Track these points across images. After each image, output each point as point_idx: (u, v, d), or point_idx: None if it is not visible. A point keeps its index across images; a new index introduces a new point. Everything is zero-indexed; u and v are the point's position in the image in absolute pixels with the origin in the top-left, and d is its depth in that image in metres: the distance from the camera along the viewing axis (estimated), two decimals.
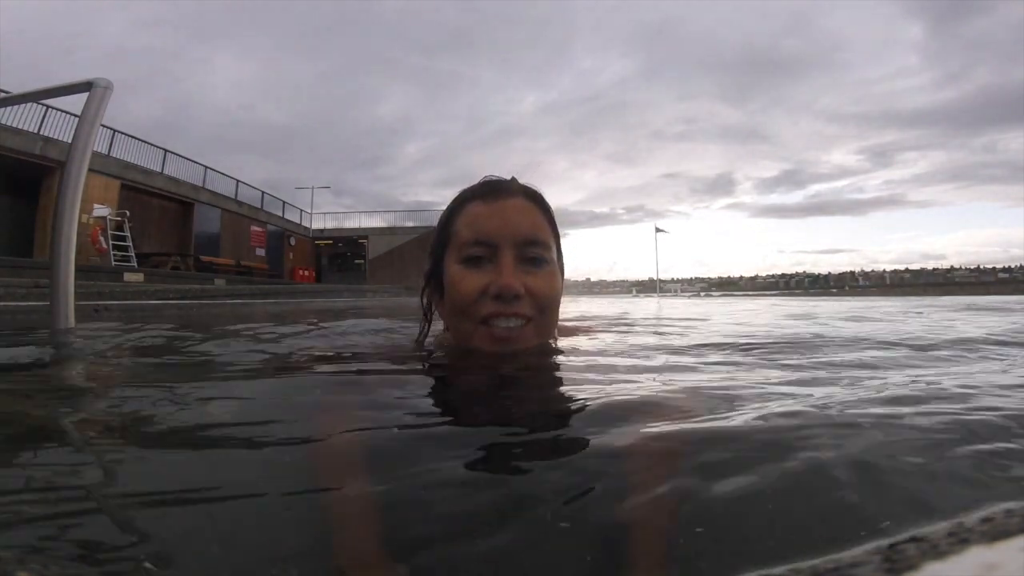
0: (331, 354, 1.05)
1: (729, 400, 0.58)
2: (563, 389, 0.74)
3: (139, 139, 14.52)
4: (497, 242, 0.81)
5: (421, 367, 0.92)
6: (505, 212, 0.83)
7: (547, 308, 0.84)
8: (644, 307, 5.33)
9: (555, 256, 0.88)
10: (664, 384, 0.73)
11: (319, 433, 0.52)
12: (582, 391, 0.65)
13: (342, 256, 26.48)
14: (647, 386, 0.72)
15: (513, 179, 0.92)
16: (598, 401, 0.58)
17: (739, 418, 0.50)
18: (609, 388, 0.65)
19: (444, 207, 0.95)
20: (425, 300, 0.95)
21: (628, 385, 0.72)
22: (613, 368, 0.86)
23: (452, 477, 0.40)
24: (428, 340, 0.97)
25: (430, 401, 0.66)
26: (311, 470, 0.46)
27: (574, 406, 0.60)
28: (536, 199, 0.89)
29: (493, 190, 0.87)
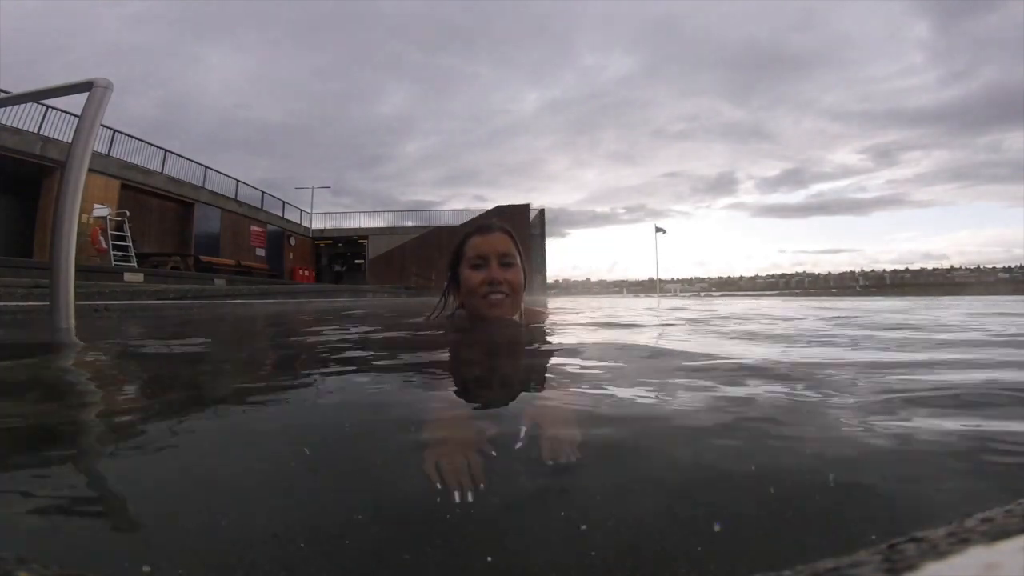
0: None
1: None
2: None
3: (139, 139, 14.51)
4: (488, 256, 1.50)
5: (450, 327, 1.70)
6: (491, 242, 1.52)
7: (516, 289, 1.52)
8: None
9: (520, 261, 1.54)
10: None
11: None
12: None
13: (342, 256, 26.44)
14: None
15: (495, 220, 1.62)
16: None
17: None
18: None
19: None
20: (446, 291, 1.66)
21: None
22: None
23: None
24: (458, 312, 1.65)
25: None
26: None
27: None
28: (508, 232, 1.57)
29: (485, 229, 1.55)
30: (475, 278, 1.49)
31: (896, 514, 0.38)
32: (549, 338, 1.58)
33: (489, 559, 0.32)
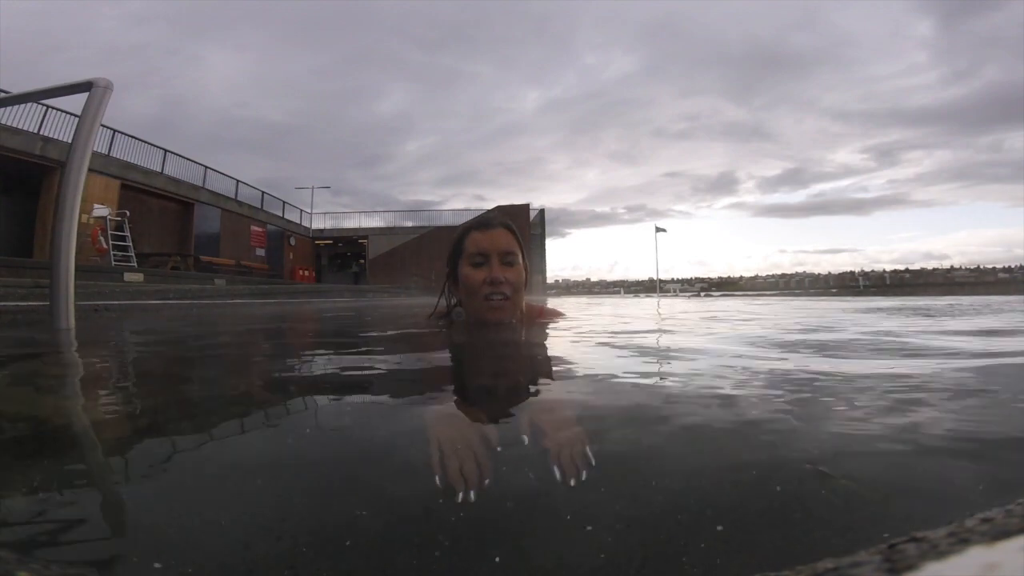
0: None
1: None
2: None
3: (139, 139, 14.50)
4: (489, 253, 1.42)
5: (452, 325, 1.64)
6: (492, 237, 1.43)
7: (518, 288, 1.45)
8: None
9: (521, 259, 1.46)
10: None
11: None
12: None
13: (342, 256, 26.43)
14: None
15: (496, 213, 1.55)
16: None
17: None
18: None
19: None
20: (446, 288, 1.59)
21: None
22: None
23: None
24: (456, 311, 1.59)
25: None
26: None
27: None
28: (509, 227, 1.48)
29: (486, 224, 1.48)
30: (476, 277, 1.41)
31: None
32: (552, 345, 1.42)
33: (497, 559, 0.32)
